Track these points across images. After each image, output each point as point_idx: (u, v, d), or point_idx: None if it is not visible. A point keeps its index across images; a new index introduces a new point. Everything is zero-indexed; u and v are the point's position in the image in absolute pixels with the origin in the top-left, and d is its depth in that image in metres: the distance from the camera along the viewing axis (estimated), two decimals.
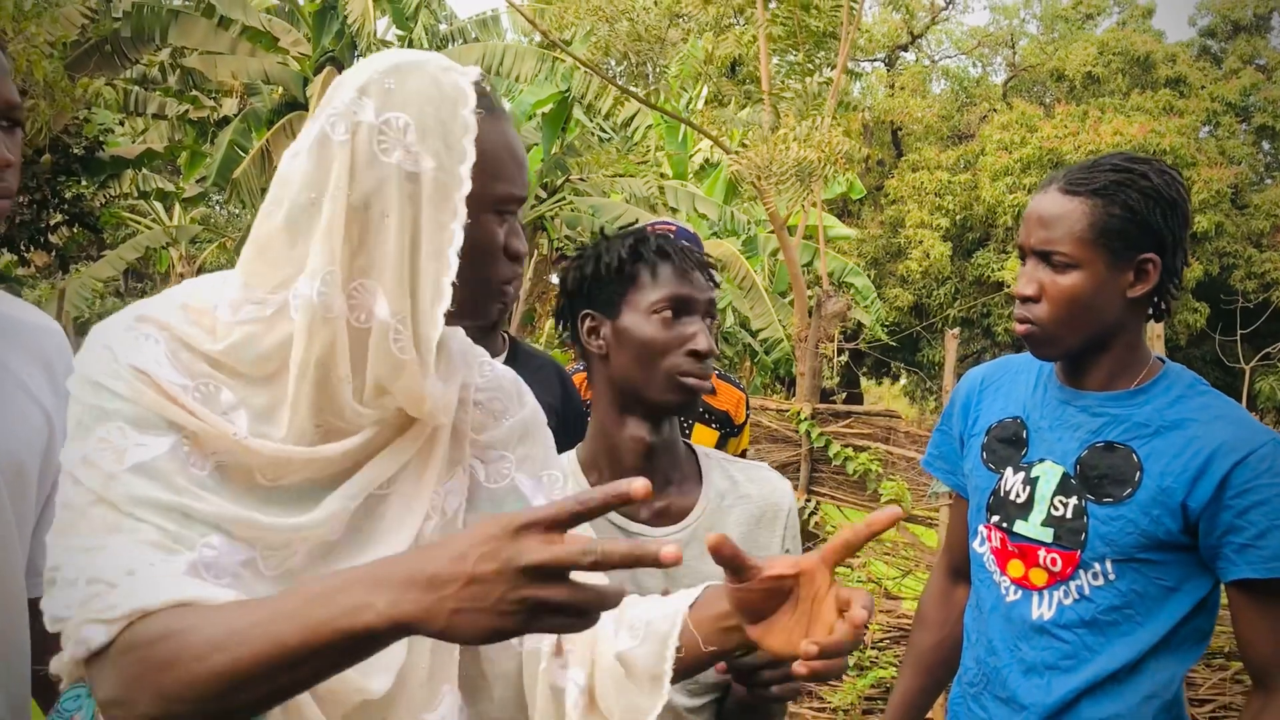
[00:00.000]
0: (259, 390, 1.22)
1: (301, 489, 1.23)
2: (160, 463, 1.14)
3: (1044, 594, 1.91)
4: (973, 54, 27.22)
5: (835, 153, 5.80)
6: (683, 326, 1.72)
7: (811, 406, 6.52)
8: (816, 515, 6.44)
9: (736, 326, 15.46)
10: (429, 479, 1.33)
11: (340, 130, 1.21)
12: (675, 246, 1.77)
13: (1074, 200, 1.85)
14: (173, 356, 1.19)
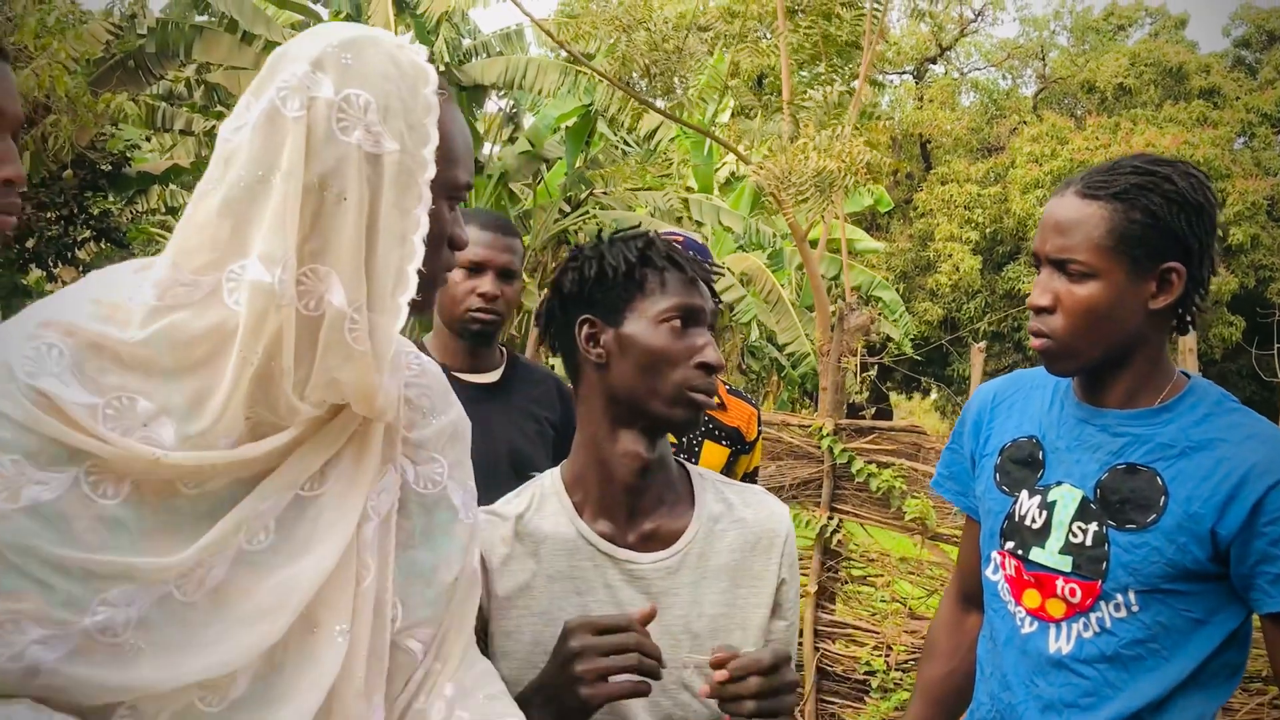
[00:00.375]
0: (181, 383, 1.12)
1: (226, 493, 1.15)
2: (60, 505, 1.05)
3: (1062, 626, 1.78)
4: (1002, 66, 26.99)
5: (856, 163, 5.67)
6: (691, 338, 1.61)
7: (834, 422, 6.37)
8: (839, 533, 6.29)
9: (762, 341, 15.32)
10: (363, 478, 1.24)
11: (294, 105, 1.12)
12: (684, 255, 1.67)
13: (1093, 205, 1.72)
14: (78, 370, 1.09)
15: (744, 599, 1.67)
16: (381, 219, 1.15)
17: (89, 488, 1.08)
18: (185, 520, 1.13)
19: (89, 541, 1.06)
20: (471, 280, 2.74)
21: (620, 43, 6.53)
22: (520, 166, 12.63)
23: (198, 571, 1.12)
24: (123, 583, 1.07)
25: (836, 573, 6.45)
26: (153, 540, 1.10)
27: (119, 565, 1.07)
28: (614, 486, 1.66)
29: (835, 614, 6.44)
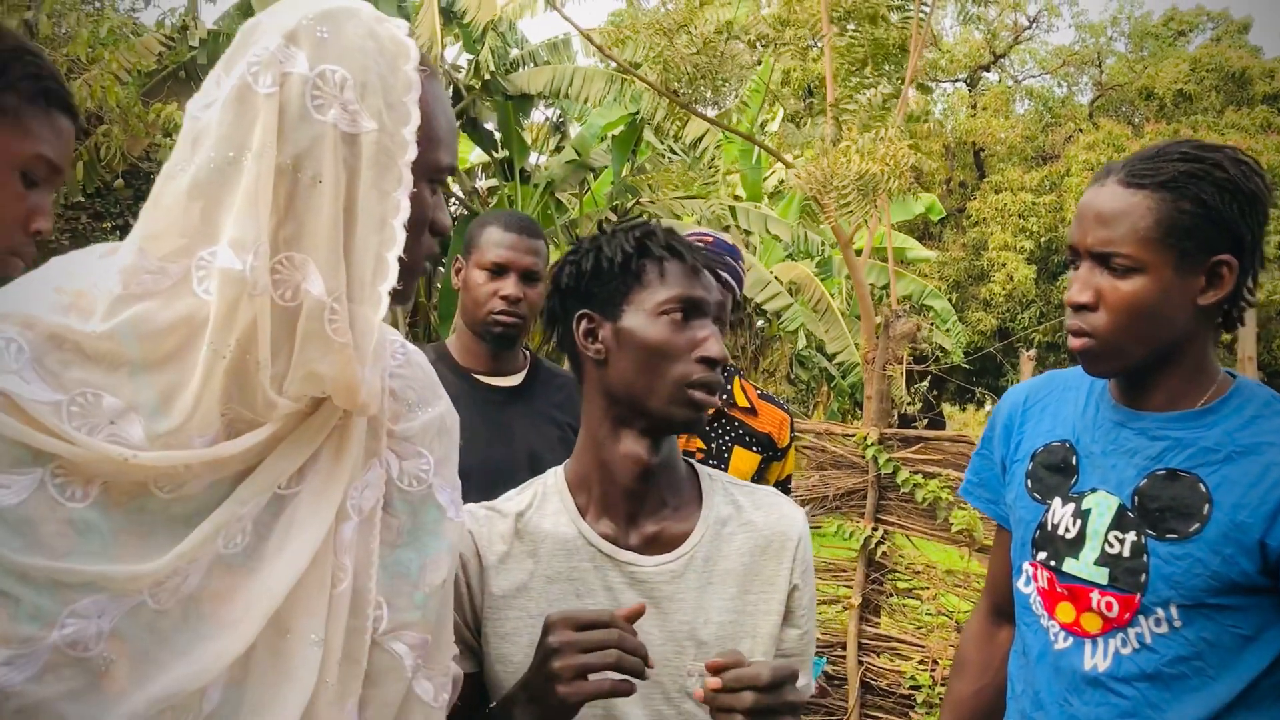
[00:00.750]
0: (149, 377, 1.06)
1: (203, 495, 1.08)
2: (25, 509, 0.99)
3: (1098, 642, 1.67)
4: (1058, 73, 26.60)
5: (900, 166, 5.56)
6: (693, 330, 1.53)
7: (879, 431, 6.25)
8: (884, 544, 6.17)
9: (811, 350, 15.18)
10: (342, 474, 1.17)
11: (266, 81, 1.06)
12: (685, 242, 1.58)
13: (1137, 194, 1.61)
14: (39, 364, 1.02)
15: (753, 605, 1.60)
16: (360, 203, 1.09)
17: (56, 490, 1.01)
18: (159, 524, 1.07)
19: (57, 547, 1.00)
20: (494, 282, 2.69)
21: (662, 48, 6.46)
22: (566, 175, 12.60)
23: (173, 579, 1.06)
24: (93, 592, 1.01)
25: (881, 585, 6.33)
26: (125, 545, 1.04)
27: (89, 574, 1.01)
28: (615, 488, 1.59)
29: (880, 627, 6.31)
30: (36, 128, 1.51)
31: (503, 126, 12.42)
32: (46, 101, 1.53)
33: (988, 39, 24.29)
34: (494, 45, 11.33)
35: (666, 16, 6.23)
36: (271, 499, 1.13)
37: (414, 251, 1.18)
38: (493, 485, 2.46)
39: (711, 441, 3.03)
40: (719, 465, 3.02)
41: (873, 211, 5.97)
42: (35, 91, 1.51)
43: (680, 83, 6.59)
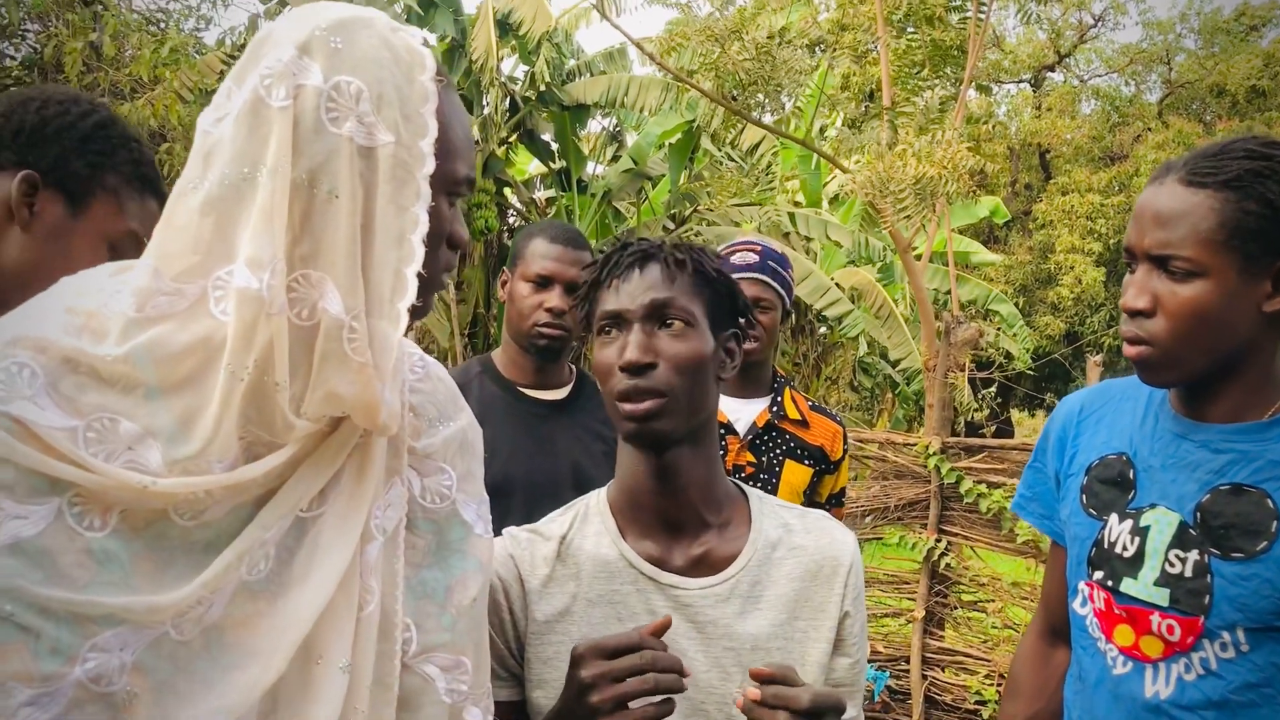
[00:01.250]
0: (167, 402, 1.02)
1: (225, 522, 1.05)
2: (44, 540, 0.96)
3: (1159, 667, 1.58)
4: (1125, 72, 26.07)
5: (959, 169, 5.44)
6: (619, 341, 1.49)
7: (941, 440, 6.12)
8: (948, 556, 6.04)
9: (875, 356, 15.01)
10: (365, 494, 1.13)
11: (279, 94, 1.02)
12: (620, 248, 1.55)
13: (1199, 194, 1.52)
14: (53, 389, 0.99)
15: (802, 632, 1.53)
16: (377, 218, 1.05)
17: (74, 519, 0.98)
18: (180, 551, 1.04)
19: (77, 578, 0.97)
20: (539, 294, 2.66)
21: (715, 55, 6.40)
22: (624, 185, 12.60)
23: (196, 609, 1.03)
24: (114, 625, 0.98)
25: (945, 598, 6.20)
26: (146, 574, 1.01)
27: (110, 606, 0.98)
28: (641, 510, 1.55)
29: (944, 641, 6.18)
30: (133, 208, 1.62)
31: (559, 137, 12.46)
32: (143, 185, 1.63)
33: (1052, 39, 23.88)
34: (549, 56, 11.37)
35: (718, 23, 6.17)
36: (294, 522, 1.10)
37: (432, 265, 1.14)
38: (537, 499, 2.42)
39: (762, 455, 2.96)
40: (770, 479, 2.94)
41: (931, 215, 5.85)
42: (134, 175, 1.62)
43: (734, 90, 6.52)
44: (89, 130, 1.58)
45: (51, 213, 1.55)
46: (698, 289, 1.51)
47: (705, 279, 1.52)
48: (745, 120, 6.72)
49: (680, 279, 1.49)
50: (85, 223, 1.57)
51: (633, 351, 1.45)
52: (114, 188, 1.59)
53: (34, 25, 9.70)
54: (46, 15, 9.37)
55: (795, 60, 7.19)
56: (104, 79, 8.76)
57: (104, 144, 1.59)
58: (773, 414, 2.99)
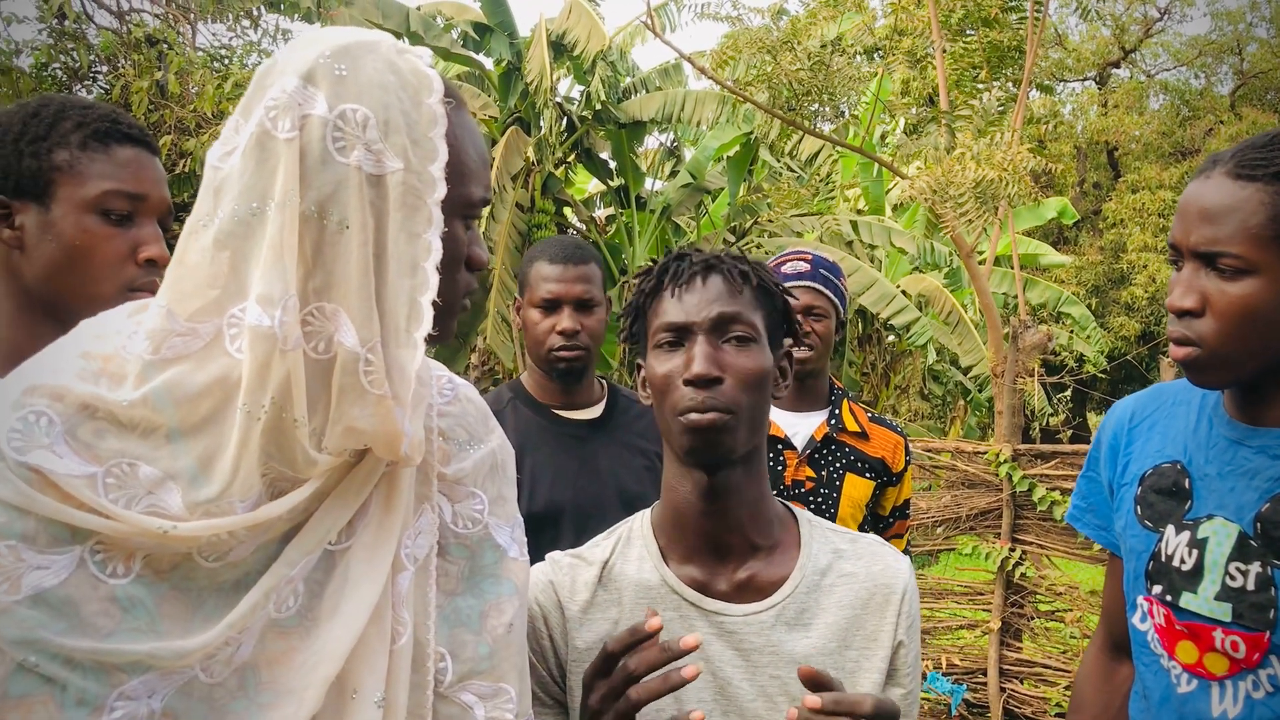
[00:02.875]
0: (186, 444, 1.01)
1: (250, 561, 1.04)
2: (66, 589, 0.95)
3: (1225, 685, 1.51)
4: (1194, 64, 25.51)
5: (1020, 171, 5.34)
6: (682, 354, 1.44)
7: (1012, 447, 6.00)
8: (1023, 565, 5.92)
9: (945, 364, 14.79)
10: (394, 523, 1.12)
11: (285, 125, 1.00)
12: (678, 259, 1.51)
13: (1249, 187, 1.45)
14: (72, 437, 0.98)
15: (853, 662, 1.47)
16: (389, 246, 1.03)
17: (96, 567, 0.98)
18: (207, 593, 1.03)
19: (102, 626, 0.97)
20: (549, 318, 2.63)
21: (767, 66, 6.37)
22: (683, 199, 12.58)
23: (225, 650, 1.02)
24: (141, 672, 0.97)
25: (1022, 608, 6.07)
26: (173, 618, 1.00)
27: (136, 653, 0.97)
28: (689, 526, 1.49)
29: (1022, 652, 6.05)
30: (97, 168, 1.57)
31: (617, 155, 12.48)
32: (103, 139, 1.58)
33: (1116, 34, 23.45)
34: (604, 75, 11.39)
35: (768, 34, 6.13)
36: (323, 556, 1.09)
37: (451, 290, 1.13)
38: (585, 522, 2.40)
39: (822, 470, 2.91)
40: (831, 494, 2.89)
41: (993, 219, 5.74)
42: (88, 138, 1.57)
43: (788, 100, 6.47)
44: (19, 127, 1.57)
45: (31, 220, 1.56)
46: (760, 303, 1.47)
47: (767, 293, 1.48)
48: (801, 130, 6.67)
49: (745, 292, 1.46)
50: (58, 208, 1.56)
51: (701, 364, 1.40)
52: (66, 162, 1.56)
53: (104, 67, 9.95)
54: (115, 57, 9.61)
55: (850, 68, 7.13)
56: (169, 115, 8.95)
57: (38, 129, 1.57)
58: (831, 427, 2.94)
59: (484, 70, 13.01)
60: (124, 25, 9.48)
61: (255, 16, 10.34)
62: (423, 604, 1.16)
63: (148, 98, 8.77)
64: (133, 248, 1.59)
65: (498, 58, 12.45)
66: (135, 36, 9.27)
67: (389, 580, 1.11)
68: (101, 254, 1.57)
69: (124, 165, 1.59)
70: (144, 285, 1.58)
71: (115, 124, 1.60)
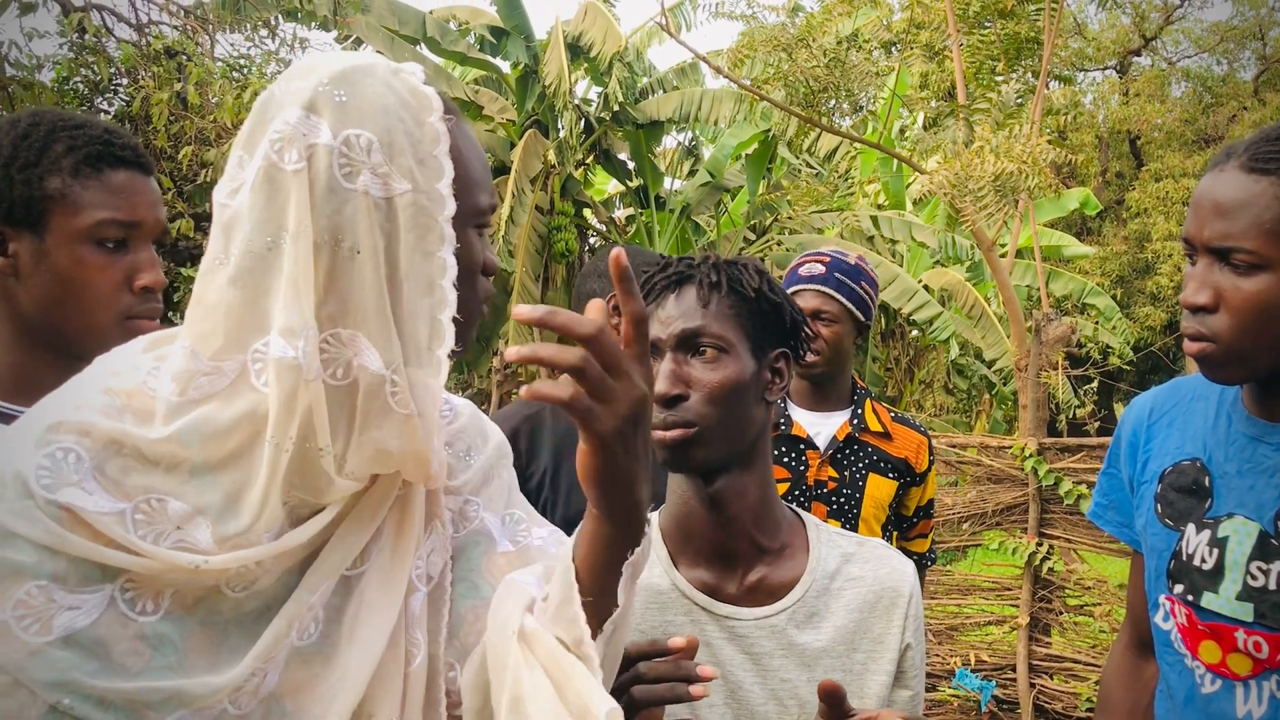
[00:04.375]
0: (214, 479, 1.01)
1: (274, 589, 1.04)
2: (98, 630, 0.95)
3: (1250, 685, 1.49)
4: (1216, 51, 25.26)
5: (1039, 163, 5.30)
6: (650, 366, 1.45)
7: (1037, 441, 5.96)
8: (1051, 560, 5.88)
9: (970, 358, 14.72)
10: (407, 546, 1.12)
11: (292, 157, 1.00)
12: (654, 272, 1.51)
13: (1262, 180, 1.43)
14: (100, 473, 0.98)
15: (861, 665, 1.48)
16: (403, 267, 1.03)
17: (126, 605, 0.98)
18: (233, 626, 1.03)
19: (132, 666, 0.97)
20: None
21: (783, 63, 6.35)
22: (702, 198, 12.57)
23: (252, 681, 1.02)
24: (173, 710, 0.97)
25: (1050, 603, 6.03)
26: (200, 654, 1.00)
27: (167, 691, 0.97)
28: (696, 533, 1.50)
29: (1052, 647, 6.01)
30: (87, 197, 1.54)
31: (635, 155, 12.48)
32: (96, 164, 1.55)
33: (1136, 22, 23.26)
34: (621, 77, 11.40)
35: (783, 32, 6.11)
36: (339, 582, 1.09)
37: (470, 300, 1.13)
38: None
39: (844, 470, 2.89)
40: (854, 494, 2.88)
41: (1013, 212, 5.71)
42: (78, 162, 1.54)
43: (804, 98, 6.45)
44: (9, 151, 1.54)
45: (25, 249, 1.54)
46: (735, 311, 1.46)
47: (744, 299, 1.47)
48: (819, 127, 6.65)
49: (715, 302, 1.45)
50: (53, 237, 1.54)
51: (662, 384, 1.42)
52: (59, 190, 1.53)
53: (124, 80, 10.02)
54: (135, 69, 9.66)
55: (867, 64, 7.10)
56: (190, 127, 9.00)
57: (29, 154, 1.53)
58: (853, 427, 2.92)
59: (501, 74, 13.04)
60: (143, 38, 9.53)
61: (273, 26, 10.37)
62: (436, 622, 1.16)
63: (168, 109, 8.81)
64: (128, 275, 1.57)
65: (514, 61, 12.49)
66: (155, 49, 9.32)
67: (403, 604, 1.11)
68: (96, 284, 1.55)
69: (117, 191, 1.56)
70: (141, 313, 1.57)
71: (108, 146, 1.57)
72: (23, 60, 8.86)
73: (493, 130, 12.72)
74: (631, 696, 1.23)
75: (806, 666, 1.46)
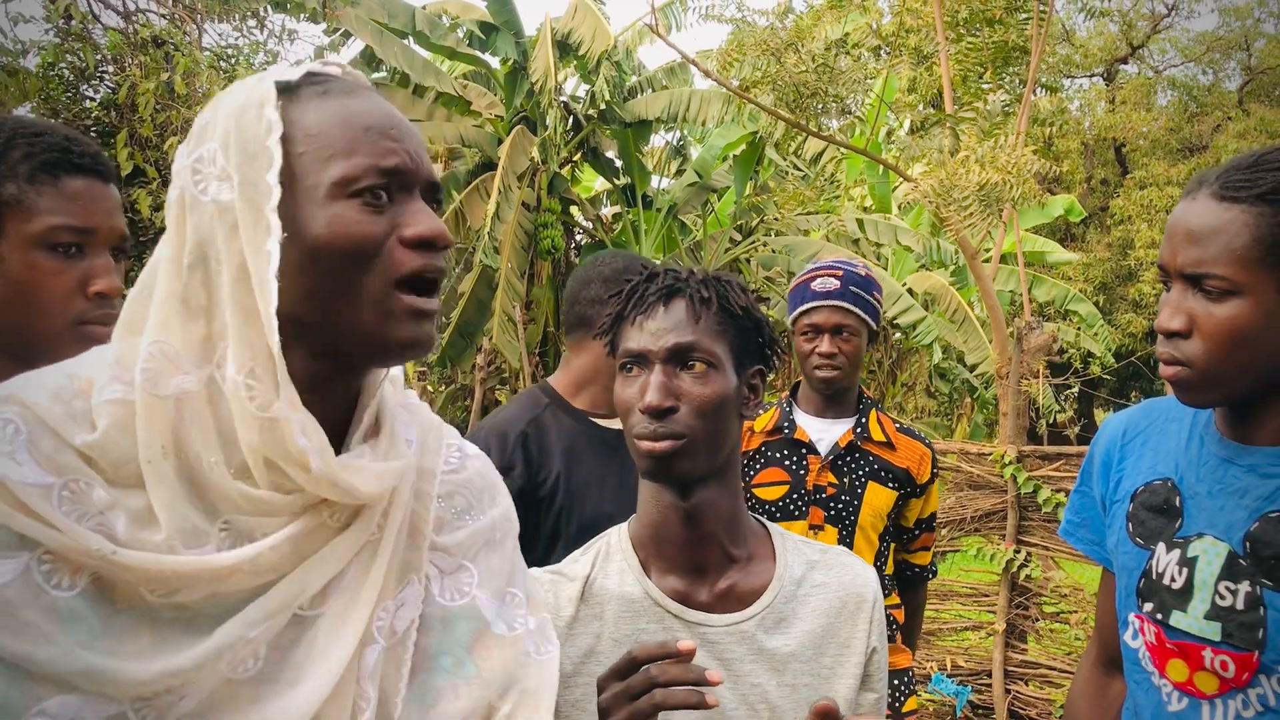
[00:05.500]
0: (132, 493, 1.01)
1: (205, 609, 1.01)
2: (8, 592, 0.94)
3: (1216, 704, 1.51)
4: (1201, 60, 25.42)
5: (1024, 174, 5.33)
6: (639, 381, 1.47)
7: (1016, 449, 6.00)
8: (1028, 567, 5.91)
9: (952, 362, 14.78)
10: (367, 595, 1.08)
11: (174, 189, 1.05)
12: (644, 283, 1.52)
13: (1233, 209, 1.45)
14: (33, 447, 0.98)
15: (828, 669, 1.52)
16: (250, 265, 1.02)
17: (41, 577, 0.96)
18: (160, 625, 1.00)
19: (37, 631, 0.94)
20: None
21: (772, 67, 6.36)
22: (689, 198, 12.59)
23: (164, 696, 0.98)
24: (66, 691, 0.95)
25: (1027, 610, 6.07)
26: (117, 641, 0.98)
27: (64, 669, 0.94)
28: (668, 543, 1.53)
29: (1027, 654, 6.05)
30: (43, 203, 1.55)
31: (623, 153, 12.49)
32: (53, 170, 1.56)
33: (1123, 30, 23.37)
34: (609, 75, 11.40)
35: (773, 36, 6.13)
36: (292, 620, 1.06)
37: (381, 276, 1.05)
38: None
39: (844, 476, 2.91)
40: (852, 501, 2.90)
41: (998, 221, 5.74)
42: (34, 169, 1.55)
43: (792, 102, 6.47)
44: None
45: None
46: (723, 327, 1.49)
47: (731, 316, 1.50)
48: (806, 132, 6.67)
49: (706, 317, 1.48)
50: (8, 243, 1.55)
51: (654, 395, 1.44)
52: (14, 196, 1.54)
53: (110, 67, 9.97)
54: (121, 57, 9.62)
55: (855, 69, 7.12)
56: (176, 117, 8.96)
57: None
58: (856, 434, 2.94)
59: (490, 69, 13.02)
60: (130, 25, 9.48)
61: (261, 17, 10.33)
62: (394, 679, 1.12)
63: (154, 99, 8.77)
64: (83, 281, 1.57)
65: (503, 57, 12.47)
66: (142, 37, 9.28)
67: (356, 653, 1.07)
68: (49, 289, 1.55)
69: (73, 198, 1.57)
70: (95, 318, 1.57)
71: (65, 153, 1.57)
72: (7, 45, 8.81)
73: (480, 126, 12.70)
74: (655, 699, 1.25)
75: (776, 671, 1.49)
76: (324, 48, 11.22)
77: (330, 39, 11.41)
